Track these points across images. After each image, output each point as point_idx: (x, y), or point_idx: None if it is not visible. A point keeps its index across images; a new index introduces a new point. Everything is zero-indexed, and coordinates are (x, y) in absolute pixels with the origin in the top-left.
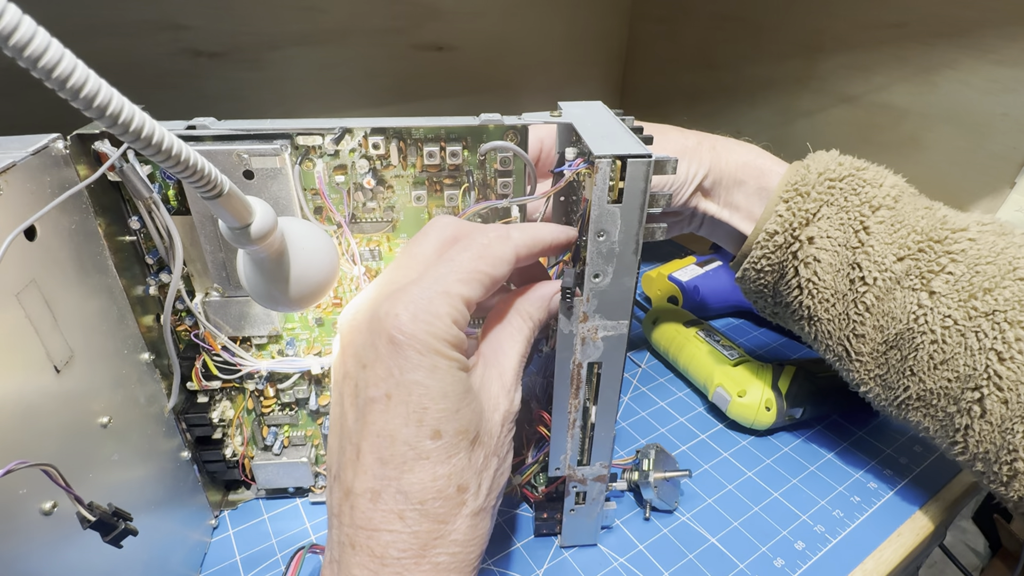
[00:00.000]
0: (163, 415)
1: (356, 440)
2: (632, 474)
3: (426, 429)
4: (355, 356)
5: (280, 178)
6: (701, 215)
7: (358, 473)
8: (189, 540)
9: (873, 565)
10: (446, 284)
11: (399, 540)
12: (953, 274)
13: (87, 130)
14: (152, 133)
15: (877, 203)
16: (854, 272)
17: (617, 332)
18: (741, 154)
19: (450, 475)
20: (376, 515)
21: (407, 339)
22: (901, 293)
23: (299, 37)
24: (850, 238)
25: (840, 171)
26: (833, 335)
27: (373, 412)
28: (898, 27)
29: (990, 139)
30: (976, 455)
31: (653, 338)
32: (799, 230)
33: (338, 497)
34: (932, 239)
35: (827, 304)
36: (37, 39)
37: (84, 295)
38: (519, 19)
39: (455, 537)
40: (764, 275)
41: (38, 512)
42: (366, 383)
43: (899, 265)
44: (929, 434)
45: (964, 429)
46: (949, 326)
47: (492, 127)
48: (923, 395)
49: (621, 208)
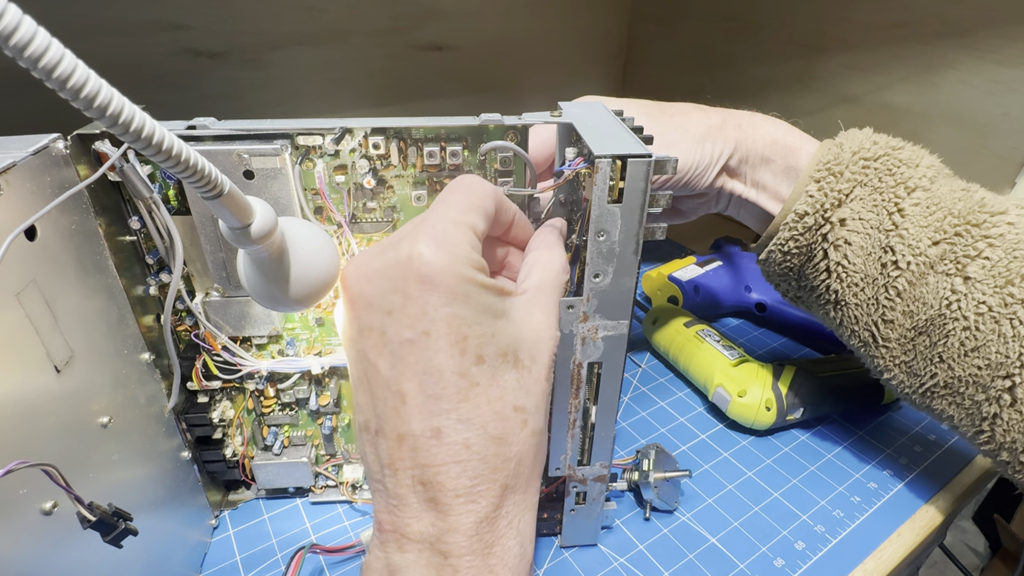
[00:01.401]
0: (163, 415)
1: (396, 387)
2: (632, 474)
3: (470, 356)
4: (374, 306)
5: (280, 178)
6: (728, 195)
7: (411, 416)
8: (189, 540)
9: (873, 565)
10: (451, 216)
11: (469, 468)
12: (990, 259)
13: (87, 130)
14: (152, 133)
15: (913, 184)
16: (886, 256)
17: (617, 332)
18: (769, 131)
19: (502, 396)
20: (442, 450)
21: (437, 273)
22: (934, 278)
23: (299, 37)
24: (884, 220)
25: (875, 150)
26: (860, 320)
27: (413, 353)
28: (898, 27)
29: (990, 139)
30: (1003, 444)
31: (653, 338)
32: (831, 211)
33: (389, 448)
34: (970, 222)
35: (856, 288)
36: (38, 39)
37: (84, 295)
38: (519, 19)
39: (520, 457)
40: (791, 257)
41: (38, 512)
42: (397, 327)
43: (934, 249)
44: (953, 423)
45: (992, 418)
46: (983, 312)
47: (492, 127)
48: (951, 383)
49: (621, 208)
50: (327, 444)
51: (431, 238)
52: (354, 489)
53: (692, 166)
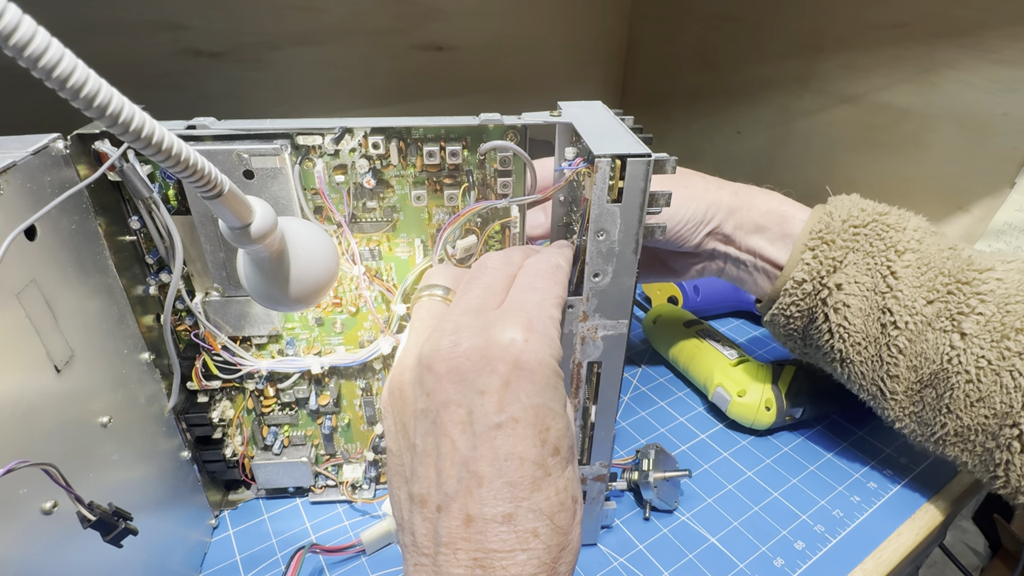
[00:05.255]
0: (163, 415)
1: (474, 467)
2: (632, 474)
3: (549, 447)
4: (467, 383)
5: (280, 178)
6: (722, 259)
7: (485, 499)
8: (189, 540)
9: (873, 565)
10: (547, 310)
11: (535, 556)
12: (983, 315)
13: (87, 130)
14: (152, 133)
15: (903, 247)
16: (885, 316)
17: (617, 331)
18: (764, 201)
19: (566, 487)
20: (512, 536)
21: (536, 364)
22: (933, 335)
23: (299, 37)
24: (879, 283)
25: (863, 217)
26: (867, 376)
27: (499, 437)
28: (898, 27)
29: (990, 139)
30: (1019, 488)
31: (653, 338)
32: (827, 277)
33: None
34: (960, 281)
35: (859, 347)
36: (38, 39)
37: (84, 295)
38: (519, 19)
39: (573, 545)
40: (794, 320)
41: (38, 512)
42: (486, 409)
43: (929, 308)
44: (968, 468)
45: (1005, 464)
46: (983, 366)
47: (492, 127)
48: (961, 431)
49: (621, 207)
50: (327, 444)
51: (531, 329)
52: (353, 489)
53: (683, 221)
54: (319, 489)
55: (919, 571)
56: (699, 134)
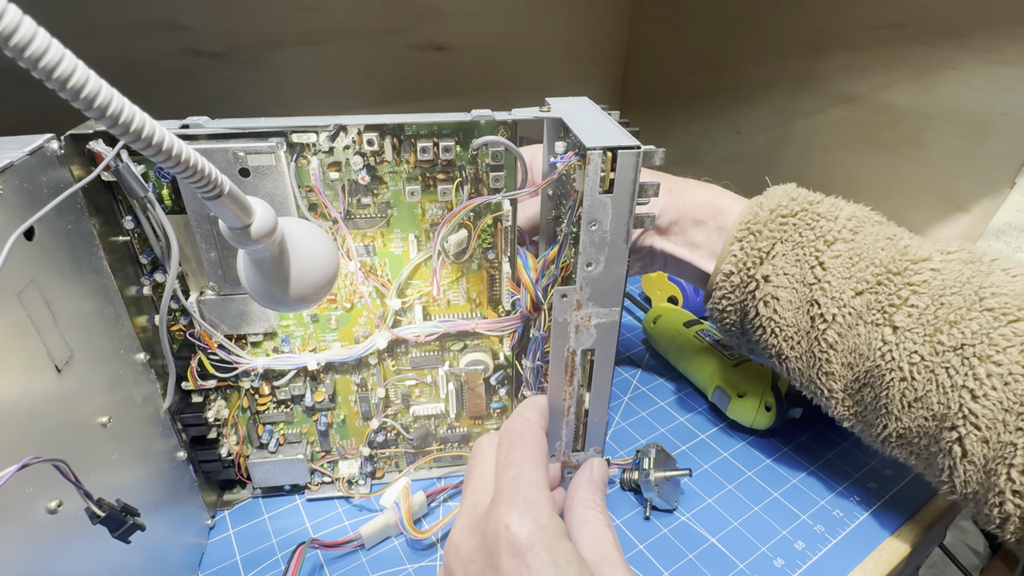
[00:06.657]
0: (159, 415)
1: None
2: (632, 474)
3: None
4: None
5: (275, 175)
6: (661, 254)
7: None
8: (184, 541)
9: (873, 565)
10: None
11: None
12: (916, 307)
13: (80, 130)
14: (152, 133)
15: (832, 237)
16: (814, 309)
17: (609, 319)
18: (699, 194)
19: None
20: None
21: (526, 547)
22: (865, 329)
23: (299, 37)
24: (806, 274)
25: (792, 206)
26: (804, 373)
27: None
28: (898, 27)
29: (990, 139)
30: (966, 495)
31: (653, 338)
32: (754, 269)
33: None
34: (891, 271)
35: (792, 342)
36: (38, 39)
37: (80, 295)
38: (519, 19)
39: None
40: (728, 315)
41: (44, 511)
42: None
43: (858, 300)
44: (920, 471)
45: (948, 470)
46: (916, 362)
47: (483, 122)
48: (903, 433)
49: (612, 198)
50: (322, 440)
51: (513, 508)
52: (350, 485)
53: None
54: (315, 486)
55: (919, 571)
56: (699, 134)
